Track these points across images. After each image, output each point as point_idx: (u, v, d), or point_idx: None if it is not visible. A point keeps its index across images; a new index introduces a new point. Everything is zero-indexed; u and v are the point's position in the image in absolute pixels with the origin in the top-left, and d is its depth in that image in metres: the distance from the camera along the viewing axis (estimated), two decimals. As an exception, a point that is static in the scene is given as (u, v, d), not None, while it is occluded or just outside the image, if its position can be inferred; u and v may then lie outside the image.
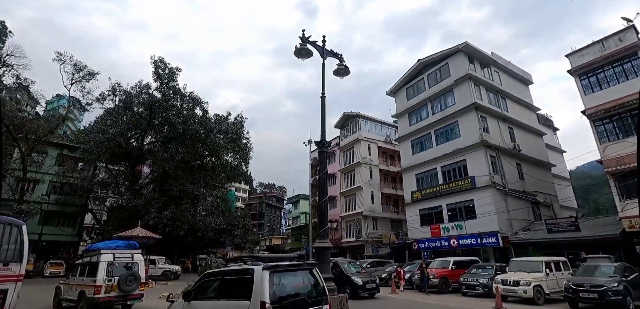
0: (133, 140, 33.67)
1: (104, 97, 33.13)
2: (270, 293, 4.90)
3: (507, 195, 24.64)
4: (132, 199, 30.07)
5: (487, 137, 25.57)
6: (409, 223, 30.20)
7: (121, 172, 34.21)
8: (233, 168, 37.61)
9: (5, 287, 6.83)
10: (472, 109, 26.13)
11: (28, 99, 45.68)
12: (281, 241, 64.30)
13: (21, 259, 7.24)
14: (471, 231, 24.49)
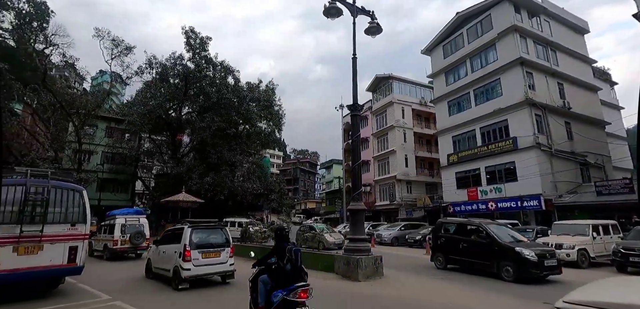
0: (172, 111, 35.23)
1: (142, 70, 34.68)
2: (190, 240, 8.77)
3: (553, 156, 23.20)
4: (175, 167, 31.99)
5: (533, 95, 23.84)
6: (445, 186, 29.61)
7: (163, 142, 36.21)
8: (266, 135, 38.46)
9: (76, 244, 7.71)
10: (516, 65, 24.31)
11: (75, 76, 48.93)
12: (315, 205, 65.86)
13: (85, 221, 8.06)
14: (511, 194, 23.56)
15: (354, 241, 10.94)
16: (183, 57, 33.99)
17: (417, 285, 9.67)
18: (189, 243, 8.64)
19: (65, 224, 7.71)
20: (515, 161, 23.77)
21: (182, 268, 8.45)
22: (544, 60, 25.95)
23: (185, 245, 8.59)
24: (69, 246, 7.65)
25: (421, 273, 11.64)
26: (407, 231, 24.38)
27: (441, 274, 11.42)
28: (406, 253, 18.39)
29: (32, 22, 36.88)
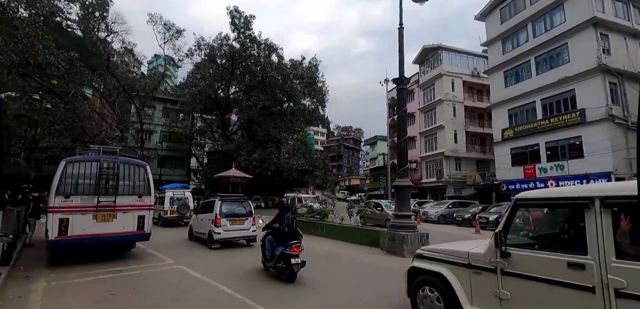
0: (220, 91, 36.75)
1: (191, 52, 36.42)
2: (219, 210, 10.60)
3: (629, 130, 20.59)
4: (225, 145, 33.66)
5: (607, 60, 21.12)
6: (498, 163, 27.81)
7: (214, 121, 38.08)
8: (310, 112, 38.78)
9: (143, 214, 8.55)
10: (588, 26, 21.59)
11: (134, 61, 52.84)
12: (360, 182, 65.79)
13: (150, 193, 8.86)
14: (575, 172, 21.48)
15: (399, 217, 10.78)
16: (228, 38, 35.01)
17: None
18: (219, 213, 10.57)
19: (133, 196, 8.54)
20: (582, 136, 21.50)
21: (214, 232, 10.46)
22: (623, 19, 22.71)
23: (216, 214, 10.53)
24: (138, 215, 8.49)
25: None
26: (455, 209, 23.47)
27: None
28: (454, 231, 17.77)
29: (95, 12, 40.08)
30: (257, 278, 6.88)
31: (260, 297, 5.43)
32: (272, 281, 6.52)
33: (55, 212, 7.46)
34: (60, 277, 6.73)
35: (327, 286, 6.33)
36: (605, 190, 2.99)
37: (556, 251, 3.17)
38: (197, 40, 36.11)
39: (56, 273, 7.01)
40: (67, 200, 7.60)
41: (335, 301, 5.40)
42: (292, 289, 6.08)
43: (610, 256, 2.75)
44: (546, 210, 3.89)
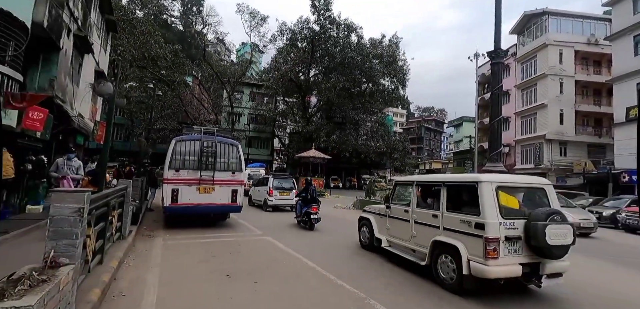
0: (301, 74, 38.03)
1: (274, 38, 38.30)
2: (272, 184, 14.41)
3: None
4: (305, 126, 34.97)
5: None
6: (618, 149, 23.22)
7: (295, 103, 39.78)
8: (389, 93, 37.64)
9: (236, 188, 9.49)
10: None
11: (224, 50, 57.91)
12: (441, 166, 62.03)
13: (241, 170, 9.75)
14: None
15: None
16: (309, 21, 35.76)
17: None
18: (271, 186, 14.39)
19: (228, 172, 9.48)
20: None
21: (268, 200, 14.28)
22: None
23: (269, 187, 14.35)
24: (231, 189, 9.43)
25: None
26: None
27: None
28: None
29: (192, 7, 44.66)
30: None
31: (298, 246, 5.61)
32: (301, 230, 9.80)
33: (168, 183, 8.74)
34: (173, 237, 7.92)
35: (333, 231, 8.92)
36: (448, 179, 5.55)
37: (432, 209, 5.62)
38: (280, 26, 37.81)
39: (170, 234, 8.27)
40: (177, 173, 8.83)
41: (332, 238, 8.70)
42: (310, 233, 9.40)
43: (443, 211, 5.20)
44: (420, 188, 6.16)
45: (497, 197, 4.57)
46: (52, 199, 2.91)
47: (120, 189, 6.25)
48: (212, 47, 48.72)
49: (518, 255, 4.52)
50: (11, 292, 2.18)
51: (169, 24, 42.85)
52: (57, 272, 2.67)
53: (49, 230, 2.88)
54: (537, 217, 4.43)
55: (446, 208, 5.14)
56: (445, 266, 4.96)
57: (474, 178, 4.89)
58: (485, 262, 4.34)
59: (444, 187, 5.28)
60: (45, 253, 2.82)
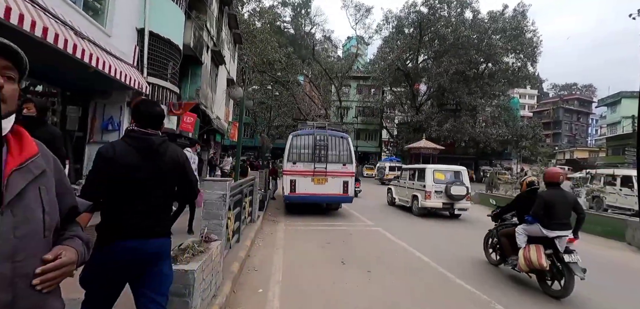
0: (408, 61, 36.48)
1: (380, 28, 37.66)
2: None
3: None
4: (414, 116, 33.50)
5: None
6: None
7: (402, 92, 38.48)
8: (514, 72, 32.63)
9: (347, 179, 9.82)
10: None
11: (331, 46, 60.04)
12: (589, 155, 50.76)
13: (351, 162, 10.01)
14: None
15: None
16: (415, 4, 33.91)
17: None
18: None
19: (339, 164, 9.86)
20: None
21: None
22: None
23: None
24: (343, 181, 9.78)
25: None
26: None
27: None
28: None
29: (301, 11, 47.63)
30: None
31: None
32: (412, 223, 9.87)
33: (287, 174, 9.64)
34: (292, 223, 8.72)
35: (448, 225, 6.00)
36: (415, 167, 11.97)
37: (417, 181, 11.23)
38: (385, 14, 37.11)
39: (290, 220, 9.12)
40: (294, 166, 9.66)
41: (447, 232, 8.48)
42: (423, 227, 9.23)
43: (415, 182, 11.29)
44: (416, 172, 11.47)
45: (433, 175, 10.53)
46: (205, 187, 3.55)
47: (250, 179, 7.20)
48: (320, 46, 51.20)
49: (441, 198, 10.33)
50: (181, 258, 2.76)
51: (281, 30, 46.86)
52: (210, 245, 3.26)
53: (203, 211, 3.54)
54: (449, 182, 10.36)
55: (416, 180, 11.22)
56: (415, 205, 10.95)
57: (424, 166, 11.16)
58: (425, 201, 10.38)
59: (415, 171, 11.50)
60: (201, 229, 3.48)
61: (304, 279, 4.65)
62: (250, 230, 6.64)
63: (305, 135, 10.04)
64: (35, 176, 0.93)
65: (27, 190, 0.90)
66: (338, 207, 11.13)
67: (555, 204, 4.34)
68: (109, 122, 7.41)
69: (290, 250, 6.11)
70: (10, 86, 0.89)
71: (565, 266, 4.17)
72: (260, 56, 30.64)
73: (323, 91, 41.67)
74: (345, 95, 41.44)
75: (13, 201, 0.86)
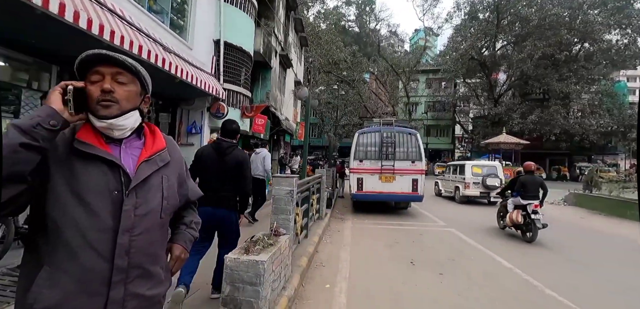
0: (484, 49, 33.50)
1: (450, 16, 35.29)
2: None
3: None
4: (492, 108, 30.63)
5: None
6: None
7: (478, 84, 35.49)
8: (619, 50, 27.63)
9: (416, 177, 9.39)
10: None
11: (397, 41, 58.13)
12: None
13: (421, 159, 9.55)
14: None
15: None
16: (492, -15, 30.99)
17: None
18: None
19: (408, 161, 9.49)
20: None
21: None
22: None
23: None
24: (412, 178, 9.39)
25: None
26: None
27: None
28: None
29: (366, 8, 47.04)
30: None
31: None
32: (488, 225, 6.72)
33: (354, 172, 9.60)
34: (360, 221, 8.65)
35: None
36: (456, 163, 15.12)
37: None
38: (456, 1, 34.60)
39: (357, 218, 9.07)
40: (361, 164, 9.57)
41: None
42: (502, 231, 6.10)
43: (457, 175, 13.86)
44: (458, 167, 13.99)
45: (471, 169, 12.72)
46: (273, 183, 3.71)
47: (317, 177, 7.33)
48: (386, 41, 50.03)
49: (478, 188, 12.43)
50: (252, 250, 2.92)
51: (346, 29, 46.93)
52: (279, 239, 3.39)
53: (273, 206, 3.70)
54: (485, 175, 12.33)
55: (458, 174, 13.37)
56: (457, 195, 13.13)
57: (464, 163, 13.30)
58: (465, 190, 12.59)
59: (457, 166, 13.80)
60: (271, 223, 3.64)
61: (371, 277, 4.56)
62: (318, 227, 6.76)
63: (372, 132, 9.88)
64: (159, 166, 1.12)
65: (151, 177, 1.08)
66: (407, 206, 10.74)
67: (528, 183, 6.96)
68: (193, 126, 8.24)
69: (357, 248, 6.07)
70: (122, 88, 1.06)
71: (532, 222, 6.65)
72: (325, 57, 31.14)
73: (390, 88, 40.59)
74: (413, 90, 39.78)
75: (138, 185, 1.04)
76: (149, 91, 1.17)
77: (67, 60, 5.05)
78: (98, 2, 4.34)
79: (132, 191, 1.03)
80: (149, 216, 1.06)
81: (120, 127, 1.05)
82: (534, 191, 6.85)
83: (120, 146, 1.08)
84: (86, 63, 1.04)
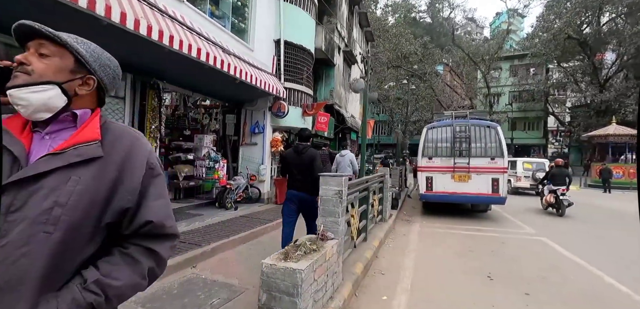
0: (584, 26, 28.47)
1: (542, -8, 30.71)
2: None
3: None
4: (596, 95, 25.88)
5: None
6: None
7: (577, 67, 30.36)
8: None
9: (497, 176, 8.19)
10: None
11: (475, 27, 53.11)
12: None
13: (502, 155, 8.30)
14: None
15: None
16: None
17: None
18: None
19: (486, 158, 8.35)
20: None
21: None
22: None
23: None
24: (491, 178, 8.23)
25: None
26: None
27: None
28: None
29: (438, -4, 43.93)
30: None
31: None
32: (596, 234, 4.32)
33: (423, 171, 8.81)
34: (429, 225, 7.87)
35: None
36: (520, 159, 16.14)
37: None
38: (547, -26, 30.10)
39: (426, 221, 8.29)
40: (430, 161, 8.74)
41: None
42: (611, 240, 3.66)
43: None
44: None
45: (523, 164, 15.43)
46: (320, 183, 3.42)
47: (379, 176, 6.84)
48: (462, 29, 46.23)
49: (528, 181, 14.75)
50: (292, 255, 2.66)
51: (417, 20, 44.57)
52: (325, 244, 3.08)
53: (320, 208, 3.40)
54: (534, 170, 14.69)
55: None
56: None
57: (516, 159, 15.99)
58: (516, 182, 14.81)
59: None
60: (318, 226, 3.35)
61: (437, 291, 3.96)
62: (379, 229, 6.28)
63: (443, 127, 8.95)
64: (71, 163, 0.82)
65: (48, 176, 0.80)
66: (487, 209, 9.50)
67: (556, 175, 9.48)
68: (256, 126, 8.44)
69: (423, 255, 5.43)
70: (40, 61, 0.86)
71: (560, 202, 9.12)
72: (394, 51, 29.87)
73: (467, 79, 37.24)
74: (494, 80, 35.86)
75: (22, 182, 0.78)
76: (94, 70, 0.92)
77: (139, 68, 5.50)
78: (159, 10, 4.57)
79: (11, 188, 0.76)
80: (27, 226, 0.76)
81: (21, 102, 0.83)
82: (562, 180, 9.30)
83: (40, 134, 0.87)
84: (23, 41, 0.88)
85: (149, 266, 0.91)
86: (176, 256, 4.02)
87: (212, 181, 7.79)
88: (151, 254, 0.92)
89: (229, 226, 5.86)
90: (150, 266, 0.92)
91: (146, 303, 3.05)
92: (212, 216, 6.46)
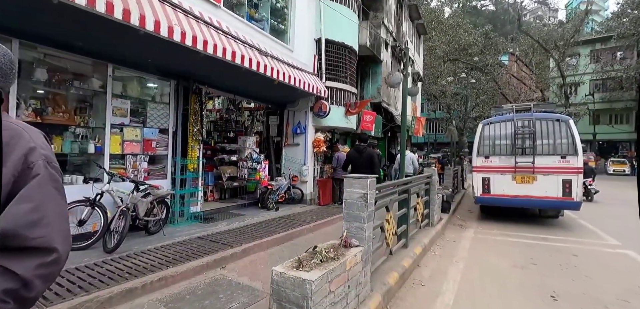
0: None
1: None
2: None
3: None
4: None
5: None
6: None
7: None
8: None
9: (569, 177, 7.07)
10: None
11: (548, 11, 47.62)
12: None
13: (576, 153, 7.16)
14: None
15: None
16: None
17: None
18: None
19: (555, 156, 7.29)
20: None
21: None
22: None
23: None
24: (562, 179, 7.15)
25: None
26: None
27: None
28: None
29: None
30: None
31: None
32: None
33: (478, 171, 7.98)
34: (485, 231, 7.10)
35: None
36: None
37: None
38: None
39: (482, 226, 7.50)
40: (486, 160, 7.90)
41: None
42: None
43: None
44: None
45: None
46: (345, 185, 3.17)
47: (424, 177, 6.33)
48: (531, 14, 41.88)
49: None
50: (306, 264, 2.47)
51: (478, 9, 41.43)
52: (347, 252, 2.83)
53: (344, 212, 3.16)
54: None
55: None
56: None
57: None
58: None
59: None
60: (342, 232, 3.11)
61: (484, 307, 3.46)
62: (424, 235, 5.78)
63: (502, 122, 8.02)
64: None
65: None
66: (557, 214, 8.28)
67: (585, 171, 9.07)
68: (297, 127, 8.41)
69: (473, 265, 4.86)
70: None
71: (588, 190, 10.96)
72: (450, 44, 27.99)
73: (537, 69, 33.50)
74: (570, 68, 31.75)
75: None
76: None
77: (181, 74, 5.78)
78: (194, 16, 4.72)
79: None
80: None
81: None
82: (589, 174, 11.14)
83: None
84: None
85: (4, 288, 0.70)
86: (205, 257, 4.08)
87: (254, 182, 7.94)
88: (5, 274, 0.71)
89: (265, 227, 5.86)
90: (7, 288, 0.71)
91: (169, 303, 3.10)
92: (253, 217, 6.55)
